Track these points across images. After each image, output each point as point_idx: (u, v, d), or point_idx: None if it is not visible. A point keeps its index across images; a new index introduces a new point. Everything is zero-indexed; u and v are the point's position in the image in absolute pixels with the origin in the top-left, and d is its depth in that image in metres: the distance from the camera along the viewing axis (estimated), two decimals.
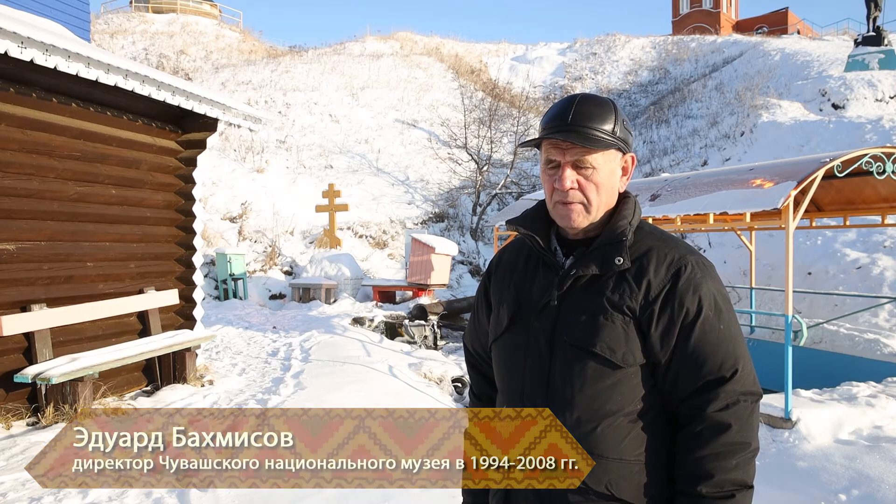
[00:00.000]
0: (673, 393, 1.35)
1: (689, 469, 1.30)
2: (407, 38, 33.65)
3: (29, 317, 5.25)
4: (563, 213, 1.40)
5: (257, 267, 14.82)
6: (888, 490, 4.19)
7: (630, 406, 1.33)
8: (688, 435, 1.32)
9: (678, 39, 31.65)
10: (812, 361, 7.80)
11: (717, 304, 1.34)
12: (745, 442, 1.29)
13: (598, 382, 1.32)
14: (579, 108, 1.38)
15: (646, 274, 1.35)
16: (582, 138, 1.35)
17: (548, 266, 1.45)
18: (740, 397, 1.30)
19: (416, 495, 3.96)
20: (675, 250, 1.38)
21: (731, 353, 1.32)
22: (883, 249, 10.39)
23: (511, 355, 1.45)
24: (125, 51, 25.46)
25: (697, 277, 1.34)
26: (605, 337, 1.32)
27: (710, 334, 1.32)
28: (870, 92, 16.61)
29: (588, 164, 1.38)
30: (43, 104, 5.46)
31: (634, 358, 1.32)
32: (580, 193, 1.38)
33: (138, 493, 3.84)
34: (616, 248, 1.36)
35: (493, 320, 1.53)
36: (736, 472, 1.27)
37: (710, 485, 1.27)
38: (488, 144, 20.59)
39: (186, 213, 7.14)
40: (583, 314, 1.35)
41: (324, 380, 6.97)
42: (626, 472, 1.31)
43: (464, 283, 16.02)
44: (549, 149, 1.41)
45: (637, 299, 1.33)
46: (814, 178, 5.42)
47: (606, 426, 1.32)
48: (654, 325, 1.32)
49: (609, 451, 1.31)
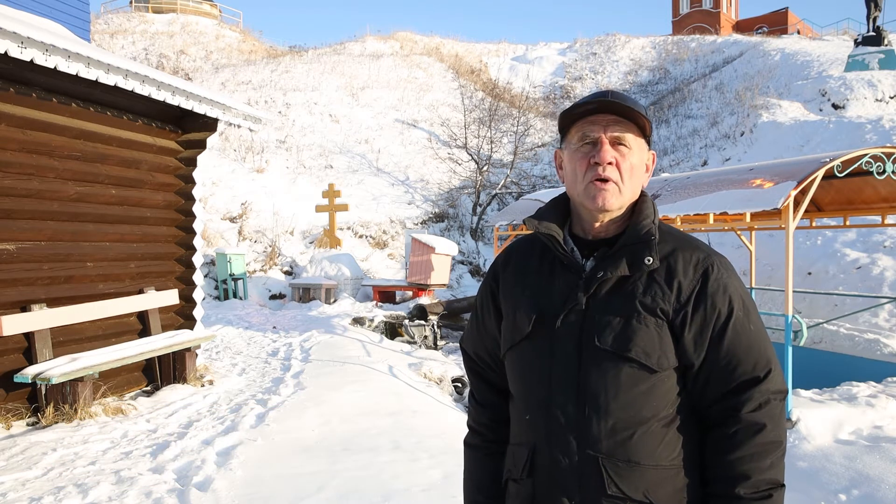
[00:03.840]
0: (704, 395, 1.33)
1: (725, 471, 1.28)
2: (407, 38, 33.65)
3: (29, 317, 5.25)
4: (595, 191, 1.34)
5: (257, 267, 14.82)
6: (888, 490, 4.19)
7: (664, 411, 1.31)
8: (721, 436, 1.30)
9: (678, 39, 31.64)
10: (812, 361, 7.80)
11: (745, 304, 1.33)
12: (778, 441, 1.28)
13: (633, 388, 1.29)
14: (616, 93, 1.37)
15: (675, 275, 1.32)
16: (624, 112, 1.34)
17: (566, 267, 1.39)
18: (772, 396, 1.29)
19: (416, 495, 3.96)
20: (699, 250, 1.36)
21: (763, 353, 1.32)
22: (883, 249, 10.39)
23: (534, 363, 1.38)
24: (125, 51, 25.46)
25: (724, 277, 1.33)
26: (640, 341, 1.28)
27: (743, 335, 1.31)
28: (870, 92, 16.60)
29: (627, 143, 1.35)
30: (43, 104, 5.46)
31: (669, 361, 1.30)
32: (617, 172, 1.34)
33: (138, 492, 3.84)
34: (645, 247, 1.33)
35: (509, 327, 1.45)
36: (771, 471, 1.26)
37: (748, 486, 1.25)
38: (488, 144, 20.59)
39: (186, 213, 7.14)
40: (614, 317, 1.31)
41: (324, 380, 6.97)
42: (662, 478, 1.29)
43: (464, 283, 16.02)
44: (585, 126, 1.37)
45: (670, 301, 1.30)
46: (814, 178, 5.42)
47: (642, 433, 1.29)
48: (687, 328, 1.30)
49: (646, 459, 1.28)
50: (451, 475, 4.24)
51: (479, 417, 1.59)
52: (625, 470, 1.28)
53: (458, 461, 1.66)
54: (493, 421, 1.55)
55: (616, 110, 1.34)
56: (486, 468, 1.55)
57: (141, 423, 5.27)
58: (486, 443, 1.57)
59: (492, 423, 1.55)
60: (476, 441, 1.59)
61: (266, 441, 4.89)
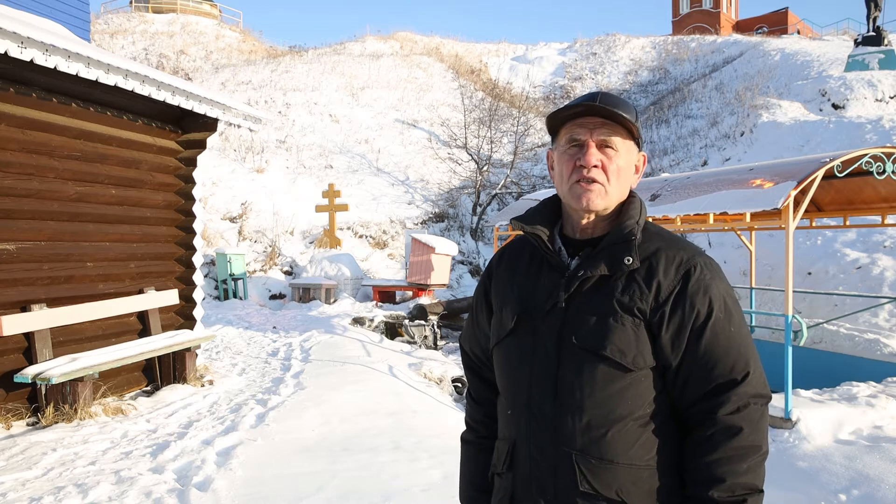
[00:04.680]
0: (683, 396, 1.33)
1: (700, 473, 1.28)
2: (407, 38, 33.65)
3: (29, 317, 5.25)
4: (580, 191, 1.37)
5: (257, 267, 14.82)
6: (888, 490, 4.19)
7: (640, 410, 1.31)
8: (698, 439, 1.30)
9: (678, 39, 31.64)
10: (812, 361, 7.80)
11: (727, 306, 1.33)
12: (757, 445, 1.27)
13: (608, 386, 1.30)
14: (605, 96, 1.39)
15: (655, 275, 1.33)
16: (611, 116, 1.36)
17: (552, 267, 1.42)
18: (751, 400, 1.29)
19: (416, 495, 3.96)
20: (683, 251, 1.36)
21: (742, 355, 1.31)
22: (883, 249, 10.39)
23: (516, 359, 1.41)
24: (125, 51, 25.46)
25: (707, 279, 1.33)
26: (616, 339, 1.30)
27: (721, 336, 1.31)
28: (870, 92, 16.60)
29: (612, 146, 1.38)
30: (43, 104, 5.46)
31: (645, 361, 1.30)
32: (602, 174, 1.37)
33: (138, 492, 3.84)
34: (625, 247, 1.34)
35: (496, 323, 1.49)
36: (747, 475, 1.26)
37: (722, 489, 1.25)
38: (488, 144, 20.58)
39: (186, 213, 7.14)
40: (592, 316, 1.33)
41: (324, 380, 6.97)
42: (636, 478, 1.29)
43: (464, 283, 16.01)
44: (573, 128, 1.40)
45: (647, 301, 1.31)
46: (814, 178, 5.42)
47: (617, 431, 1.30)
48: (664, 328, 1.31)
49: (619, 457, 1.29)
50: (451, 475, 4.24)
51: (474, 414, 1.63)
52: (597, 467, 1.29)
53: (457, 461, 1.67)
54: (487, 417, 1.59)
55: (602, 114, 1.36)
56: (478, 463, 1.58)
57: (141, 423, 5.27)
58: (479, 438, 1.60)
59: (486, 420, 1.59)
60: (471, 437, 1.63)
61: (266, 441, 4.89)
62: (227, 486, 3.97)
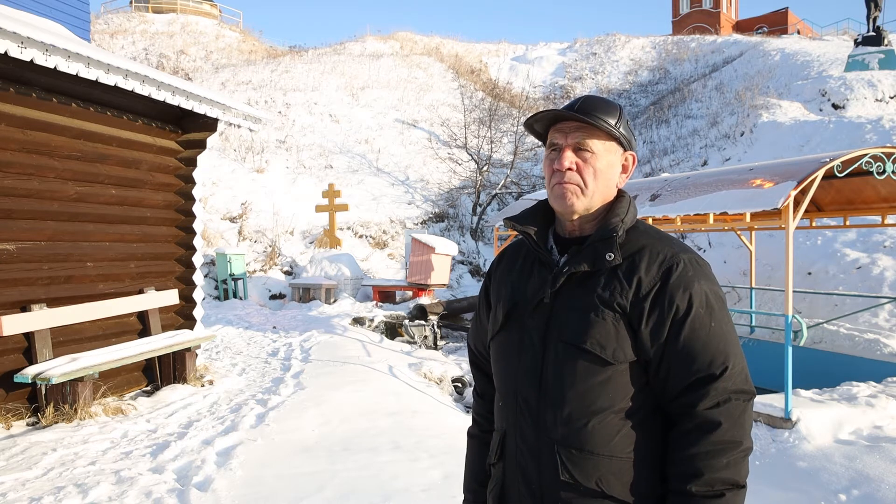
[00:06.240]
0: (664, 391, 1.35)
1: (680, 467, 1.30)
2: (407, 38, 33.65)
3: (29, 317, 5.25)
4: (558, 192, 1.42)
5: (257, 267, 14.82)
6: (888, 490, 4.19)
7: (621, 403, 1.34)
8: (678, 433, 1.32)
9: (678, 39, 31.64)
10: (812, 361, 7.80)
11: (708, 302, 1.34)
12: (737, 441, 1.28)
13: (588, 379, 1.33)
14: (587, 100, 1.44)
15: (637, 271, 1.36)
16: (584, 120, 1.40)
17: (543, 264, 1.47)
18: (731, 395, 1.30)
19: (416, 495, 3.96)
20: (668, 248, 1.39)
21: (721, 350, 1.32)
22: (883, 249, 10.38)
23: (507, 353, 1.47)
24: (125, 51, 25.47)
25: (689, 275, 1.35)
26: (596, 333, 1.33)
27: (700, 332, 1.32)
28: (870, 92, 16.60)
29: (588, 148, 1.41)
30: (43, 104, 5.46)
31: (625, 355, 1.33)
32: (577, 176, 1.41)
33: (138, 492, 3.84)
34: (607, 244, 1.37)
35: (492, 319, 1.56)
36: (726, 470, 1.27)
37: (700, 483, 1.26)
38: (488, 144, 20.58)
39: (186, 213, 7.14)
40: (574, 311, 1.37)
41: (324, 380, 6.97)
42: (616, 469, 1.32)
43: (464, 283, 16.01)
44: (553, 134, 1.46)
45: (627, 296, 1.34)
46: (814, 178, 5.42)
47: (597, 422, 1.33)
48: (644, 322, 1.33)
49: (599, 448, 1.32)
50: (451, 475, 4.24)
51: (478, 408, 1.70)
52: (577, 457, 1.33)
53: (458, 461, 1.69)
54: (489, 412, 1.65)
55: (575, 118, 1.41)
56: (481, 456, 1.64)
57: (141, 423, 5.27)
58: (482, 432, 1.66)
59: (489, 414, 1.65)
60: (475, 431, 1.69)
61: (266, 441, 4.89)
62: (227, 486, 3.97)
